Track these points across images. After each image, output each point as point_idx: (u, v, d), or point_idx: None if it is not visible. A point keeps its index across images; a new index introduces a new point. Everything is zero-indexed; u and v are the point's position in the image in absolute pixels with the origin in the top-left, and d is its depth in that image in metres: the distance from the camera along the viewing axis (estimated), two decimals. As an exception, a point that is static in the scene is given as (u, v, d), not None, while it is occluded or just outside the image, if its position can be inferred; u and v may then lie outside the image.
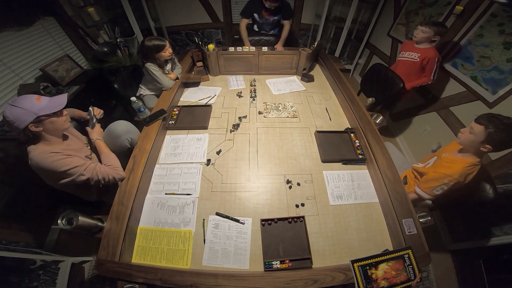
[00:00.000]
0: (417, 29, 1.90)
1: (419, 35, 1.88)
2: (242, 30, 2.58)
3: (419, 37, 1.88)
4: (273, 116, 1.69)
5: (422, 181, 1.28)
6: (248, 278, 0.88)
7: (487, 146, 1.08)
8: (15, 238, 1.55)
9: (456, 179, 1.14)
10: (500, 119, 1.04)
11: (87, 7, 2.49)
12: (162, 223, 1.09)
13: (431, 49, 1.88)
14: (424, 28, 1.83)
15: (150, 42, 1.74)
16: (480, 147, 1.10)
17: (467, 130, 1.14)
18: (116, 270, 0.88)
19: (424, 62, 1.90)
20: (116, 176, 1.11)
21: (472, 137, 1.11)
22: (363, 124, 1.48)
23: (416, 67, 1.96)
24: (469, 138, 1.14)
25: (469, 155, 1.19)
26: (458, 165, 1.17)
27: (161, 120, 1.52)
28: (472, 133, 1.11)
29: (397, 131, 2.80)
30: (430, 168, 1.32)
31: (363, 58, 3.72)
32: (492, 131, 1.04)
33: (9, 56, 1.87)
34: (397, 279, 0.85)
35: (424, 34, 1.84)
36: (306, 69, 2.18)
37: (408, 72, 2.01)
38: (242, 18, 2.58)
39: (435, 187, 1.19)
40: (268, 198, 1.19)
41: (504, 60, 1.60)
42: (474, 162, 1.16)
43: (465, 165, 1.16)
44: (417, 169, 1.41)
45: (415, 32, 1.91)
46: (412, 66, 1.99)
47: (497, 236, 1.52)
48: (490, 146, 1.07)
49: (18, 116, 0.90)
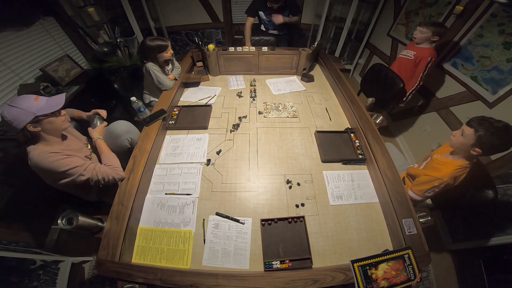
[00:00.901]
0: (416, 29, 1.90)
1: (418, 35, 1.88)
2: (246, 29, 2.53)
3: (418, 38, 1.89)
4: (273, 116, 1.69)
5: (414, 184, 1.29)
6: (248, 278, 0.88)
7: (476, 150, 1.08)
8: (15, 238, 1.55)
9: (446, 181, 1.15)
10: (490, 123, 1.03)
11: (87, 7, 2.49)
12: (162, 223, 1.09)
13: (428, 49, 1.89)
14: (422, 29, 1.84)
15: (153, 42, 1.72)
16: (470, 150, 1.10)
17: (459, 133, 1.15)
18: (116, 270, 0.88)
19: (417, 61, 1.92)
20: (116, 176, 1.11)
21: (463, 140, 1.11)
22: (363, 124, 1.48)
23: (410, 65, 1.98)
24: (459, 140, 1.14)
25: (459, 157, 1.19)
26: (448, 168, 1.18)
27: (161, 120, 1.52)
28: (463, 135, 1.11)
29: (397, 131, 2.80)
30: (422, 170, 1.34)
31: (363, 58, 3.72)
32: (482, 134, 1.03)
33: (9, 56, 1.87)
34: (397, 279, 0.85)
35: (423, 35, 1.85)
36: (306, 69, 2.18)
37: (402, 68, 2.05)
38: (248, 17, 2.52)
39: (426, 190, 1.21)
40: (268, 198, 1.19)
41: (504, 60, 1.60)
42: (464, 164, 1.17)
43: (454, 167, 1.17)
44: (410, 172, 1.43)
45: (414, 33, 1.92)
46: (407, 63, 2.02)
47: (497, 236, 1.52)
48: (480, 149, 1.07)
49: (16, 116, 0.90)
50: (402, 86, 1.88)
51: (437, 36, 1.82)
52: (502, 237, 1.50)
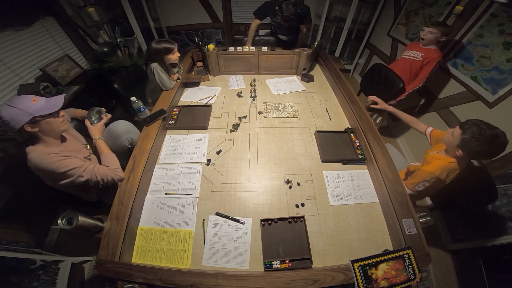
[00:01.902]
0: (423, 30, 1.87)
1: (427, 36, 1.85)
2: (251, 30, 2.47)
3: (428, 38, 1.86)
4: (273, 116, 1.69)
5: (408, 178, 1.31)
6: (248, 278, 0.88)
7: (459, 151, 1.09)
8: (15, 238, 1.55)
9: (436, 176, 1.16)
10: (480, 129, 1.02)
11: (87, 7, 2.49)
12: (162, 223, 1.09)
13: (436, 50, 1.87)
14: (432, 29, 1.81)
15: (160, 44, 1.73)
16: (455, 151, 1.11)
17: (451, 131, 1.16)
18: (116, 270, 0.88)
19: (425, 63, 1.90)
20: (115, 177, 1.11)
21: (451, 139, 1.13)
22: (363, 124, 1.48)
23: (417, 66, 1.96)
24: (449, 139, 1.15)
25: (451, 155, 1.21)
26: (439, 162, 1.20)
27: (161, 120, 1.52)
28: (453, 135, 1.12)
29: (397, 131, 2.80)
30: (418, 166, 1.36)
31: (363, 58, 3.72)
32: (466, 138, 1.04)
33: (9, 56, 1.87)
34: (397, 279, 0.85)
35: (432, 35, 1.83)
36: (306, 69, 2.18)
37: (408, 69, 2.02)
38: (254, 18, 2.43)
39: (417, 183, 1.22)
40: (268, 198, 1.19)
41: (504, 60, 1.60)
42: (455, 162, 1.18)
43: (445, 163, 1.18)
44: (409, 169, 1.44)
45: (422, 34, 1.88)
46: (413, 64, 1.99)
47: (497, 236, 1.52)
48: (463, 152, 1.08)
49: (14, 116, 0.89)
50: (402, 86, 1.88)
51: (445, 36, 1.81)
52: (502, 237, 1.50)
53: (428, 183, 1.19)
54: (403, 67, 2.04)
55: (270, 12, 2.30)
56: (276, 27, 2.52)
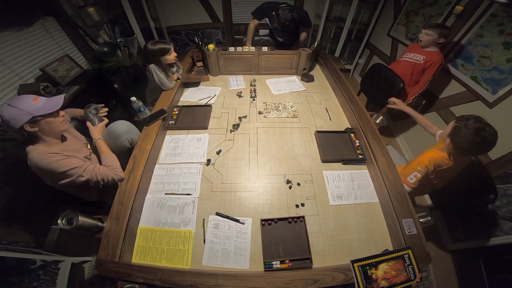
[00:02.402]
0: (420, 32, 1.87)
1: (424, 38, 1.85)
2: (249, 30, 2.48)
3: (425, 40, 1.85)
4: (273, 116, 1.69)
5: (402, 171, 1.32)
6: (248, 278, 0.88)
7: (447, 140, 1.15)
8: (15, 238, 1.55)
9: (426, 166, 1.19)
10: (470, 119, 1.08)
11: (87, 7, 2.49)
12: (162, 223, 1.09)
13: (437, 53, 1.85)
14: (428, 31, 1.81)
15: (155, 45, 1.71)
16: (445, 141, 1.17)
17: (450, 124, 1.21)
18: (116, 270, 0.88)
19: (427, 66, 1.88)
20: (115, 177, 1.11)
21: (447, 130, 1.18)
22: (363, 124, 1.48)
23: (419, 69, 1.94)
24: (445, 131, 1.21)
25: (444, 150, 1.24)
26: (429, 154, 1.25)
27: (161, 120, 1.52)
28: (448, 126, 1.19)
29: (397, 131, 2.80)
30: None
31: (363, 58, 3.72)
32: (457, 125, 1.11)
33: (9, 56, 1.87)
34: (397, 279, 0.85)
35: (429, 37, 1.82)
36: (306, 69, 2.18)
37: (409, 72, 2.00)
38: (253, 19, 2.44)
39: (408, 175, 1.24)
40: (268, 198, 1.19)
41: (504, 60, 1.60)
42: (445, 156, 1.22)
43: (435, 154, 1.22)
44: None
45: (420, 36, 1.88)
46: (415, 67, 1.97)
47: (497, 236, 1.52)
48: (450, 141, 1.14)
49: (13, 116, 0.90)
50: (402, 86, 1.87)
51: (443, 37, 1.80)
52: (502, 237, 1.50)
53: (420, 174, 1.20)
54: (404, 70, 2.02)
55: (267, 14, 2.31)
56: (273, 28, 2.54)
